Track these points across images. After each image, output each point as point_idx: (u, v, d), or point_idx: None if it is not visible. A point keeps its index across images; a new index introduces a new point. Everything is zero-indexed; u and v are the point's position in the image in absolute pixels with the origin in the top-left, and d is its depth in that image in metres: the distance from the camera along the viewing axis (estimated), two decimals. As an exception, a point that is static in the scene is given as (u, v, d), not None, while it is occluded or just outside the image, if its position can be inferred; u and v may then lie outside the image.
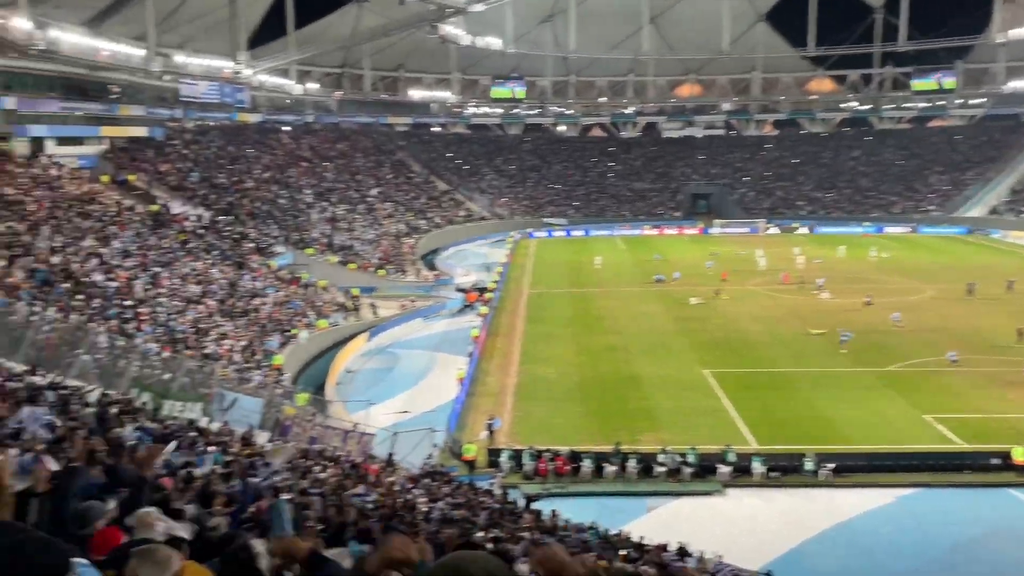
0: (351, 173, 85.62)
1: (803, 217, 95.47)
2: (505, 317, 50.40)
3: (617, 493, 25.45)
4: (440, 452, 28.42)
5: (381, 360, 43.18)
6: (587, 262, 70.78)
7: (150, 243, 42.78)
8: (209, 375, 28.68)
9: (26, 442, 9.26)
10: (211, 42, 68.72)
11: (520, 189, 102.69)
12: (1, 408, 12.21)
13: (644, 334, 44.45)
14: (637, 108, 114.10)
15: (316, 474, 17.60)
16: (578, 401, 33.57)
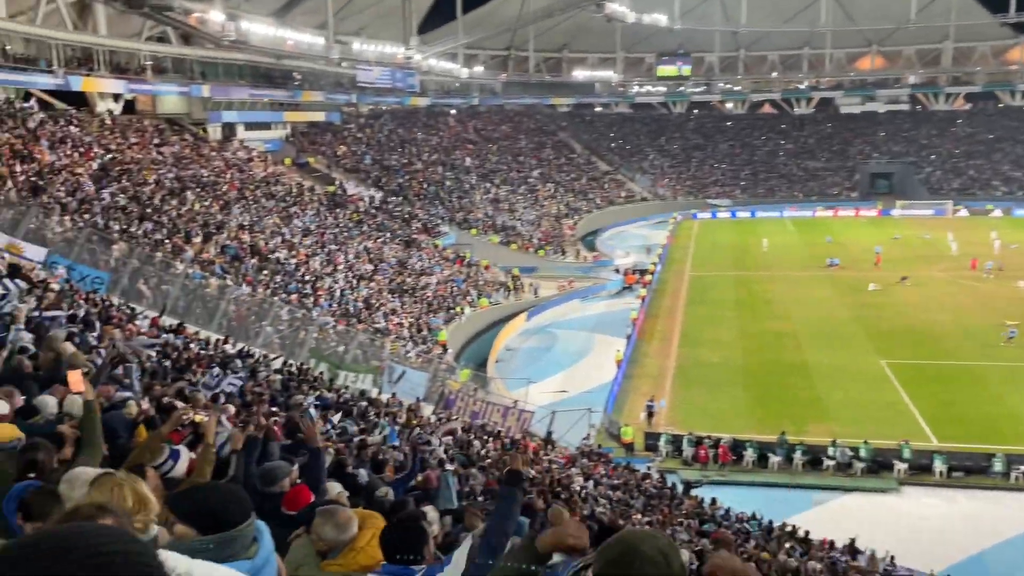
0: (514, 154, 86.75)
1: (998, 199, 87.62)
2: (665, 299, 49.61)
3: (782, 484, 24.56)
4: (597, 433, 28.48)
5: (540, 339, 43.69)
6: (753, 244, 68.36)
7: (327, 222, 45.28)
8: (379, 348, 30.10)
9: (220, 406, 10.08)
10: (385, 29, 71.35)
11: (684, 169, 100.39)
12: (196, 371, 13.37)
13: (815, 320, 42.42)
14: (812, 83, 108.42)
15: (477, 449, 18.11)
16: (741, 387, 32.59)
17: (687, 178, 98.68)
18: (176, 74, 50.97)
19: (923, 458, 24.65)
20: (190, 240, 31.15)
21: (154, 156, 39.60)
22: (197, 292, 25.29)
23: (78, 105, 42.79)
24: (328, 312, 32.86)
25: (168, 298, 23.33)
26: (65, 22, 43.22)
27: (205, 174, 41.28)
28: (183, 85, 50.33)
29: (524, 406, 28.03)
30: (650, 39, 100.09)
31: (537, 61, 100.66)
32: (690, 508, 19.33)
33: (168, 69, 50.47)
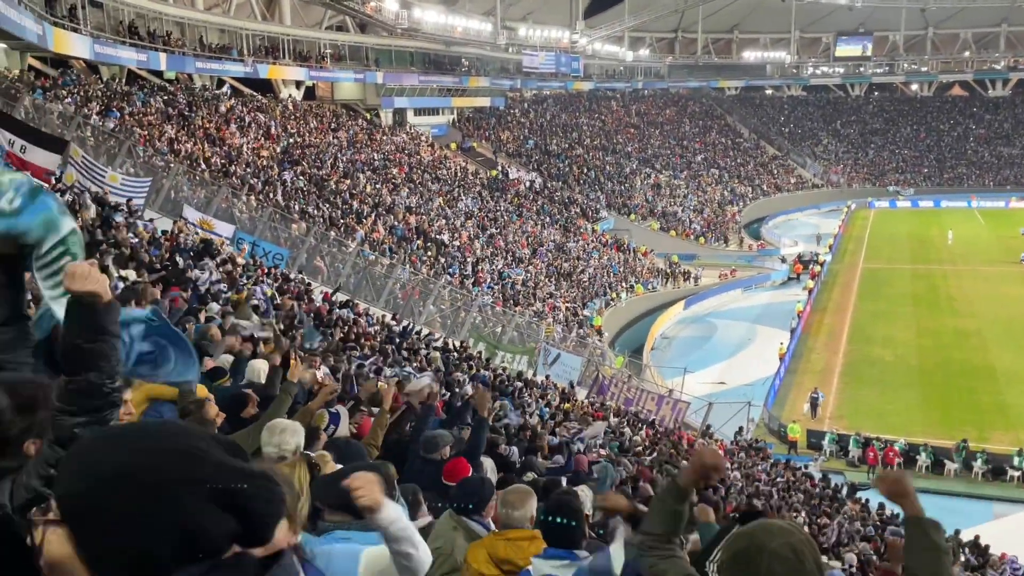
0: (677, 139, 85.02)
1: None
2: (835, 292, 47.22)
3: (959, 494, 22.90)
4: (756, 427, 27.62)
5: (698, 329, 42.78)
6: (937, 236, 63.70)
7: (489, 205, 46.25)
8: (536, 331, 30.52)
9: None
10: (551, 14, 71.71)
11: (860, 155, 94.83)
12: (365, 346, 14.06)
13: (1005, 320, 39.02)
14: (1009, 63, 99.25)
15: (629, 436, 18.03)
16: (916, 388, 30.57)
17: (864, 164, 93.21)
18: (352, 61, 53.51)
19: None
20: (361, 221, 32.73)
21: (331, 140, 41.84)
22: (367, 271, 26.57)
23: (264, 91, 45.83)
24: (488, 293, 33.64)
25: (341, 275, 24.66)
26: (254, 13, 46.37)
27: (377, 158, 43.18)
28: (359, 72, 52.75)
29: (679, 396, 27.59)
30: (828, 18, 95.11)
31: (705, 43, 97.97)
32: (854, 512, 18.41)
33: (345, 57, 53.06)
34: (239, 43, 43.96)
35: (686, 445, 19.67)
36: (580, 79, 77.90)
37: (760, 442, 25.28)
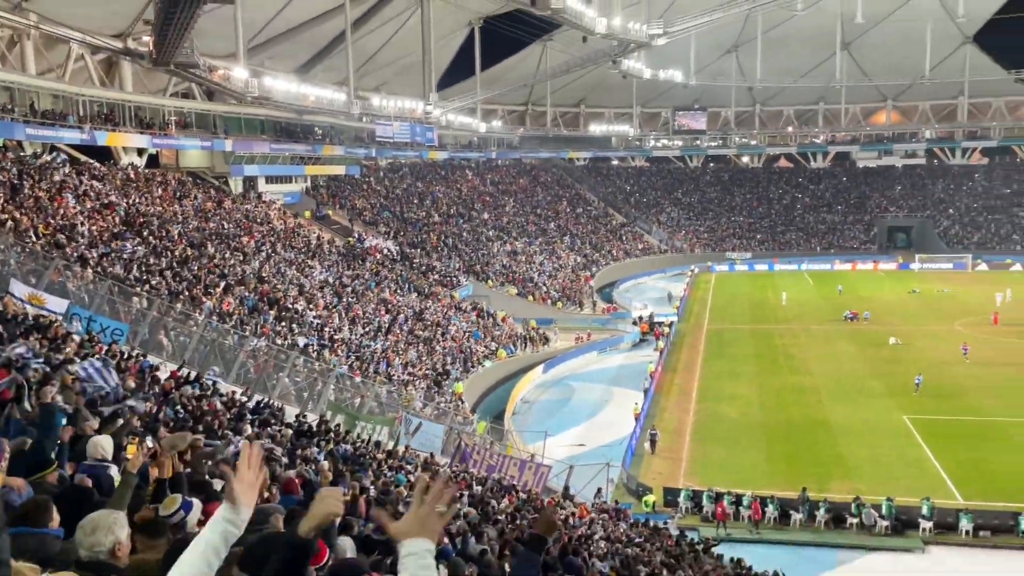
0: (531, 207, 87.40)
1: (1017, 253, 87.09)
2: (683, 352, 49.30)
3: (805, 543, 24.00)
4: (615, 488, 28.05)
5: (557, 392, 43.41)
6: (772, 297, 68.11)
7: (346, 274, 45.58)
8: (396, 400, 29.98)
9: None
10: (404, 85, 72.70)
11: (700, 222, 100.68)
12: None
13: (836, 375, 41.94)
14: (828, 138, 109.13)
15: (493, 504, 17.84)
16: (762, 443, 32.11)
17: (704, 231, 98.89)
18: (199, 129, 52.01)
19: (948, 516, 24.06)
20: (209, 292, 31.39)
21: (176, 209, 40.19)
22: (216, 344, 25.38)
23: (103, 159, 43.61)
24: (345, 363, 32.86)
25: (187, 350, 23.42)
26: (92, 79, 44.36)
27: (226, 226, 41.79)
28: (206, 140, 51.29)
29: (541, 460, 27.70)
30: (666, 94, 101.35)
31: (554, 115, 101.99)
32: (714, 567, 18.89)
33: (191, 124, 51.52)
34: (75, 109, 41.84)
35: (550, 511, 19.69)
36: (435, 149, 78.96)
37: (619, 503, 25.66)
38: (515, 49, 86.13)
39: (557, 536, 13.87)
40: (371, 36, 63.66)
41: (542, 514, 2.98)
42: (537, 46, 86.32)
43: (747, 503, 25.38)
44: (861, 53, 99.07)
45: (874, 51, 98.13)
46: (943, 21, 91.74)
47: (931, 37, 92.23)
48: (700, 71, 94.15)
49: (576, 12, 55.51)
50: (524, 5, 58.29)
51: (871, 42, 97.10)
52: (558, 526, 5.55)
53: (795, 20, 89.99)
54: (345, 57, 55.34)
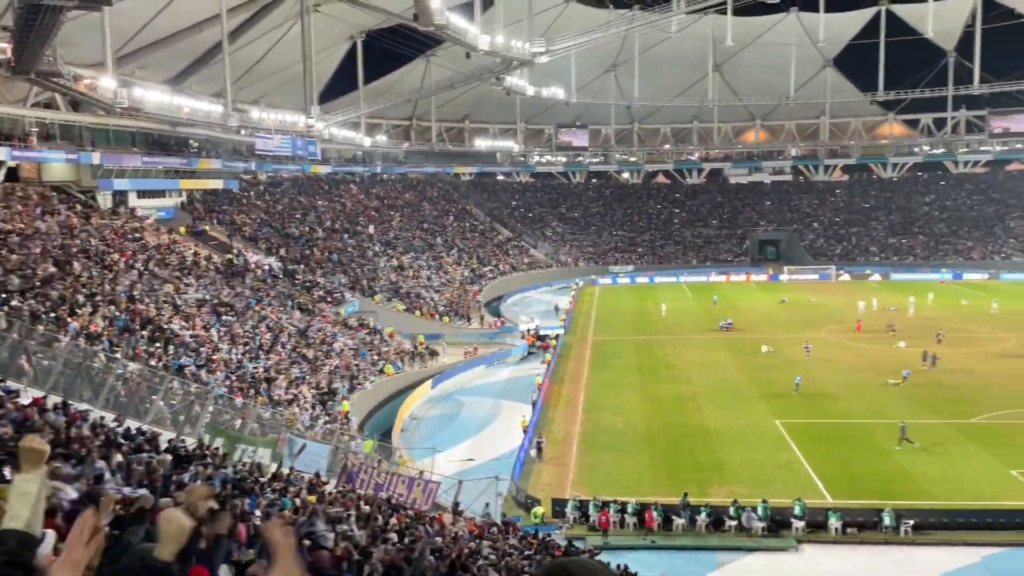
0: (418, 222, 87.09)
1: (876, 264, 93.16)
2: (570, 364, 50.11)
3: (686, 547, 24.76)
4: (504, 501, 28.17)
5: (446, 407, 43.28)
6: (653, 309, 70.22)
7: (225, 291, 44.06)
8: (279, 421, 29.16)
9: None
10: (285, 97, 71.23)
11: (584, 236, 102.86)
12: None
13: (713, 383, 43.60)
14: (702, 155, 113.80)
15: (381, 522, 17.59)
16: (645, 451, 32.97)
17: (588, 244, 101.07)
18: (64, 141, 49.23)
19: (818, 515, 25.36)
20: (76, 312, 29.71)
21: (39, 226, 37.87)
22: (83, 367, 24.00)
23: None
24: (225, 384, 31.71)
25: (51, 374, 22.06)
26: (-56, 86, 41.41)
27: (93, 243, 39.69)
28: (71, 152, 48.57)
29: (430, 476, 27.52)
30: (549, 111, 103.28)
31: (439, 130, 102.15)
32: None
33: (55, 135, 48.74)
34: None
35: (438, 526, 19.56)
36: (318, 162, 77.66)
37: (507, 516, 25.77)
38: (399, 63, 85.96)
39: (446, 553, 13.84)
40: (250, 47, 62.10)
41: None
42: (421, 61, 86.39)
43: (632, 511, 25.98)
44: (732, 74, 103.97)
45: (743, 73, 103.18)
46: (806, 45, 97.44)
47: (795, 60, 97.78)
48: (581, 89, 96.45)
49: (459, 29, 55.91)
50: (407, 20, 58.28)
51: (741, 64, 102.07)
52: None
53: (670, 42, 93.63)
54: (222, 68, 53.74)
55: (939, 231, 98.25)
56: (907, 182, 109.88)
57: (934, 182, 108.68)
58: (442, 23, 51.78)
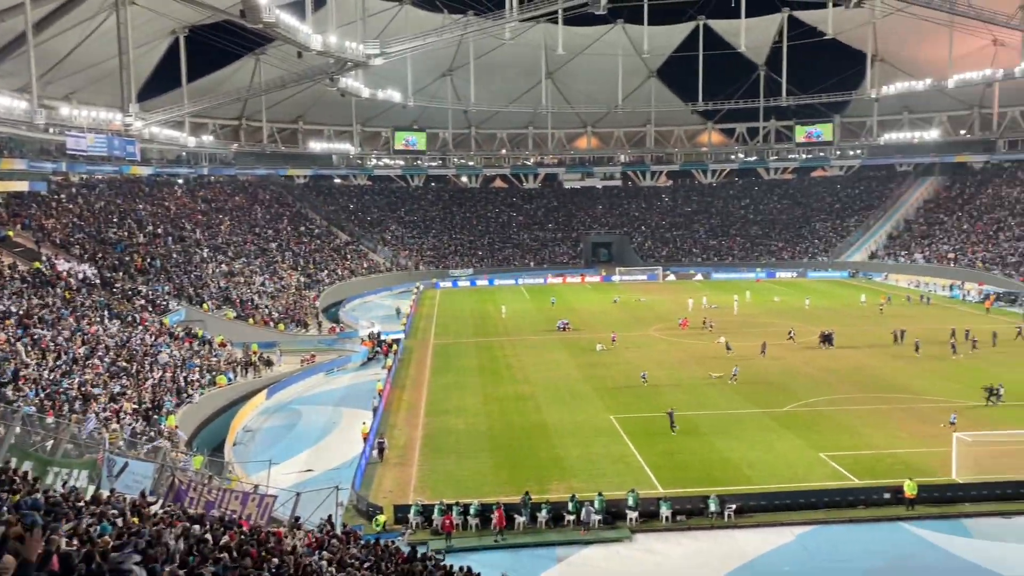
0: (249, 226, 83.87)
1: (699, 264, 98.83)
2: (411, 369, 49.85)
3: (526, 544, 25.19)
4: (345, 511, 27.59)
5: (282, 417, 41.87)
6: (493, 311, 71.14)
7: (32, 302, 40.58)
8: (97, 440, 27.15)
9: None
10: (99, 94, 66.61)
11: (424, 240, 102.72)
12: None
13: (551, 382, 44.71)
14: (537, 160, 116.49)
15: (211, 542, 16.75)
16: (487, 452, 33.30)
17: (428, 248, 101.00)
18: None
19: (651, 505, 26.53)
20: None
21: None
22: None
23: None
24: (35, 402, 29.17)
25: None
26: None
27: None
28: None
29: (266, 490, 26.49)
30: (386, 113, 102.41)
31: (271, 131, 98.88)
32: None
33: None
34: None
35: (274, 542, 18.84)
36: (137, 163, 72.98)
37: (348, 526, 25.23)
38: (226, 61, 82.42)
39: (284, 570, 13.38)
40: (59, 39, 57.63)
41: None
42: (250, 59, 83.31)
43: (474, 512, 26.14)
44: (564, 82, 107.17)
45: (575, 81, 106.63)
46: (632, 56, 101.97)
47: (622, 70, 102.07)
48: (418, 92, 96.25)
49: (290, 27, 54.30)
50: (233, 17, 55.97)
51: (572, 72, 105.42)
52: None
53: (504, 48, 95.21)
54: (27, 61, 49.42)
55: (754, 233, 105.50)
56: (725, 187, 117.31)
57: (749, 188, 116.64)
58: (271, 21, 50.09)
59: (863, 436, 33.51)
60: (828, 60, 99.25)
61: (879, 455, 30.98)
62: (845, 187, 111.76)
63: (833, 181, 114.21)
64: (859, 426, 34.86)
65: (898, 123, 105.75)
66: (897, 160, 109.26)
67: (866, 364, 47.04)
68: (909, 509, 26.30)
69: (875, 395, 39.96)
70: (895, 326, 55.24)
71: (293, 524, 23.27)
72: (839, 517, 26.15)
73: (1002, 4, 71.29)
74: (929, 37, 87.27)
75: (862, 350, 50.88)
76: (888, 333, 53.64)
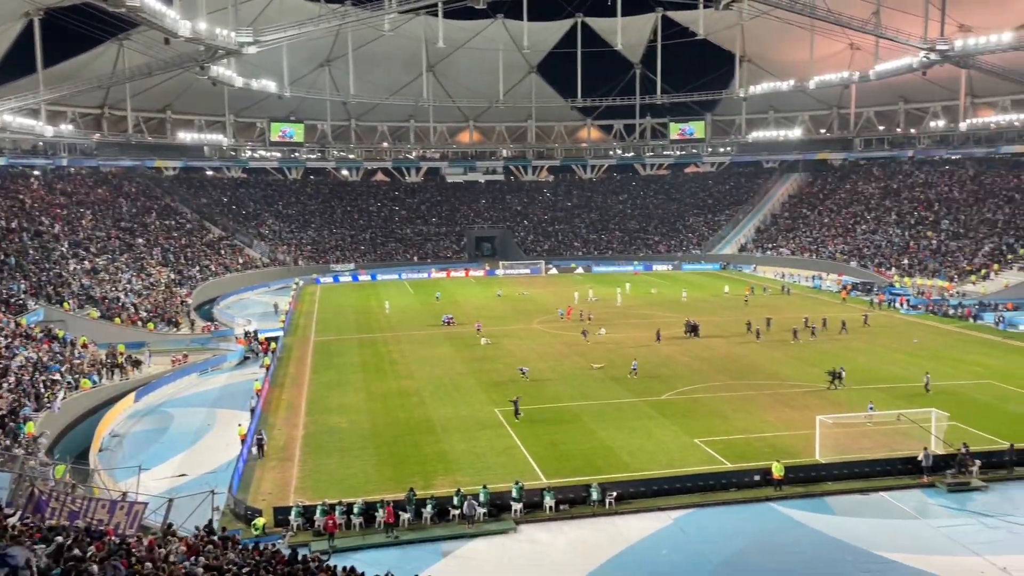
0: (114, 220, 79.63)
1: (579, 258, 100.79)
2: (291, 367, 48.60)
3: (411, 541, 25.02)
4: (222, 515, 26.62)
5: (152, 421, 39.96)
6: (376, 307, 70.28)
7: None
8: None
9: None
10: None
11: (303, 234, 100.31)
12: None
13: (436, 377, 44.56)
14: (419, 154, 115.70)
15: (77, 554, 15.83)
16: (371, 449, 32.85)
17: (307, 243, 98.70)
18: None
19: (535, 496, 26.86)
20: None
21: None
22: None
23: None
24: None
25: None
26: None
27: None
28: None
29: (135, 497, 25.23)
30: (261, 104, 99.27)
31: (137, 121, 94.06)
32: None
33: None
34: None
35: (145, 551, 17.97)
36: (-12, 153, 68.12)
37: (226, 530, 24.35)
38: (86, 46, 77.89)
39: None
40: None
41: None
42: (113, 45, 79.01)
43: (358, 511, 25.76)
44: (445, 76, 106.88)
45: (456, 75, 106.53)
46: (512, 51, 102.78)
47: (503, 65, 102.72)
48: (295, 83, 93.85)
49: (156, 12, 51.79)
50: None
51: (453, 66, 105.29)
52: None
53: (384, 40, 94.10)
54: None
55: (631, 227, 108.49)
56: (604, 183, 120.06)
57: (626, 183, 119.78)
58: (135, 5, 47.66)
59: (734, 421, 35.04)
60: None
61: (749, 439, 32.47)
62: (716, 183, 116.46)
63: (705, 177, 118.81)
64: (730, 412, 36.43)
65: (764, 122, 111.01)
66: (764, 157, 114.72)
67: (736, 352, 49.20)
68: (777, 490, 27.66)
69: (745, 382, 41.86)
70: (760, 316, 58.07)
71: (166, 531, 22.28)
72: (713, 500, 27.23)
73: (857, 10, 75.85)
74: (792, 40, 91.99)
75: (731, 339, 53.17)
76: (755, 321, 56.22)
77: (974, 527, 24.90)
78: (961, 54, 72.90)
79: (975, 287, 69.61)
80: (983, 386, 40.59)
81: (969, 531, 24.59)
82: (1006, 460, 29.16)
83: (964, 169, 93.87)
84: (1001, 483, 28.30)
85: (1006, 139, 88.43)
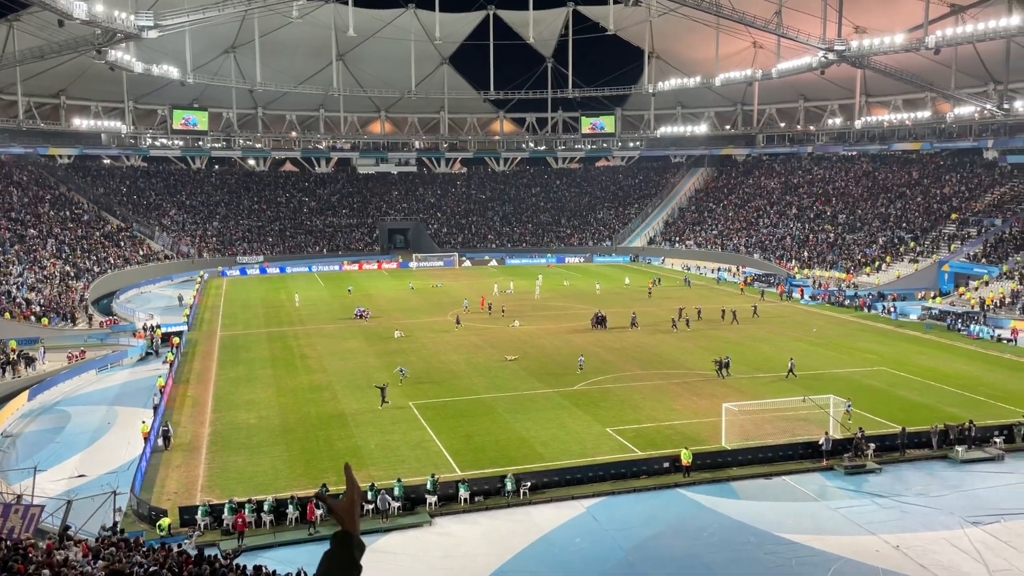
0: (4, 210, 75.51)
1: (493, 250, 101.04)
2: (196, 362, 47.17)
3: (325, 537, 24.68)
4: (125, 516, 25.66)
5: (48, 420, 38.16)
6: (286, 300, 68.85)
7: None
8: None
9: None
10: None
11: (208, 226, 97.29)
12: None
13: (348, 371, 43.98)
14: (330, 144, 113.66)
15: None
16: (281, 445, 32.20)
17: (212, 235, 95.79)
18: None
19: (450, 488, 26.88)
20: None
21: None
22: None
23: None
24: None
25: None
26: None
27: None
28: None
29: (30, 500, 24.08)
30: (162, 90, 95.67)
31: (28, 106, 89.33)
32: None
33: None
34: None
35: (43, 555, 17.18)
36: None
37: (126, 533, 23.49)
38: (-29, 25, 73.47)
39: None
40: None
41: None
42: (2, 25, 74.77)
43: (268, 508, 25.26)
44: (356, 65, 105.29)
45: (368, 64, 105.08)
46: (424, 42, 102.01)
47: (415, 56, 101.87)
48: (198, 69, 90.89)
49: (50, -9, 49.30)
50: (-19, -26, 49.91)
51: (364, 55, 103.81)
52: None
53: (292, 27, 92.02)
54: None
55: (544, 220, 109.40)
56: (517, 175, 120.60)
57: (539, 176, 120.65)
58: (27, -18, 45.19)
59: (644, 410, 35.85)
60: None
61: (659, 427, 33.29)
62: (626, 177, 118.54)
63: (616, 171, 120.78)
64: (640, 400, 37.25)
65: (672, 117, 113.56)
66: (672, 152, 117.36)
67: (645, 342, 50.31)
68: (686, 476, 28.46)
69: (654, 371, 42.86)
70: (666, 306, 59.55)
71: (63, 534, 21.38)
72: (625, 488, 27.82)
73: (760, 9, 78.35)
74: (699, 38, 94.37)
75: (641, 329, 54.30)
76: (662, 312, 57.59)
77: (870, 508, 26.20)
78: (857, 54, 76.26)
79: (869, 278, 73.05)
80: (877, 372, 42.70)
81: (865, 511, 25.86)
82: (899, 443, 30.79)
83: (859, 165, 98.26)
84: (894, 465, 29.88)
85: (898, 136, 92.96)
